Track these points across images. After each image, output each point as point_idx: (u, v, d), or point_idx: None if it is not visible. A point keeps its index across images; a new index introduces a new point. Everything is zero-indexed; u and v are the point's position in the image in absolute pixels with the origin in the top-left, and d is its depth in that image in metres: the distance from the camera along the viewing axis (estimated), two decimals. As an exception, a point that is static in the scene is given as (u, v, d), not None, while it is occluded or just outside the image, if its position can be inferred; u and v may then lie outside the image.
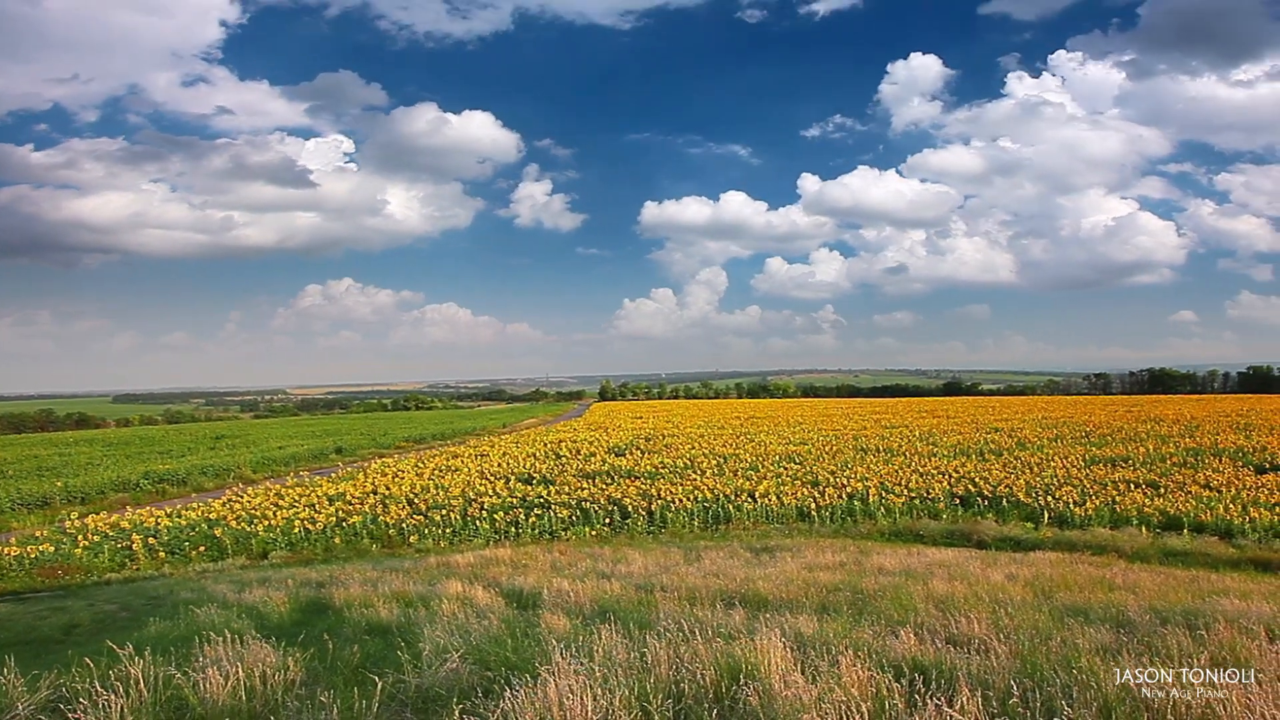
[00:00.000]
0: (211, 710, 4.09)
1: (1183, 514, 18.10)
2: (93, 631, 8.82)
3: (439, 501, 22.89)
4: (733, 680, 4.13)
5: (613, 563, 12.84)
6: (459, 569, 11.80)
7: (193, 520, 21.01)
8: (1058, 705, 3.76)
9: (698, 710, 3.85)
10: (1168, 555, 15.31)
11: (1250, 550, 15.40)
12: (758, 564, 12.33)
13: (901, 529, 19.22)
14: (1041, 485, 21.96)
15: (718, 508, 21.49)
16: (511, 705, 3.74)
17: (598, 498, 22.72)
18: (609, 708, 3.75)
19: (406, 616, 6.96)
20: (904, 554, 14.00)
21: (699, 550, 15.09)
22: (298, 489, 26.18)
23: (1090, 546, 16.09)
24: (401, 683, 4.46)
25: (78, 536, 19.24)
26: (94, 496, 29.16)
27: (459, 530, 20.40)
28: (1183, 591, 8.87)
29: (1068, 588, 9.10)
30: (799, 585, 8.82)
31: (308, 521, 20.60)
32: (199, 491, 30.82)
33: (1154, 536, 16.77)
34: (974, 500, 21.26)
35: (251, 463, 38.20)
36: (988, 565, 11.97)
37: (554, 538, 19.58)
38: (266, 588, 10.01)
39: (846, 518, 20.61)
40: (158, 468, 35.59)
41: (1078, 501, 19.81)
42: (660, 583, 9.35)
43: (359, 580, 10.47)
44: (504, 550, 15.20)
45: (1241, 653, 4.66)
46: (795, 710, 3.69)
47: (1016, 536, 17.54)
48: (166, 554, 18.40)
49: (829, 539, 17.68)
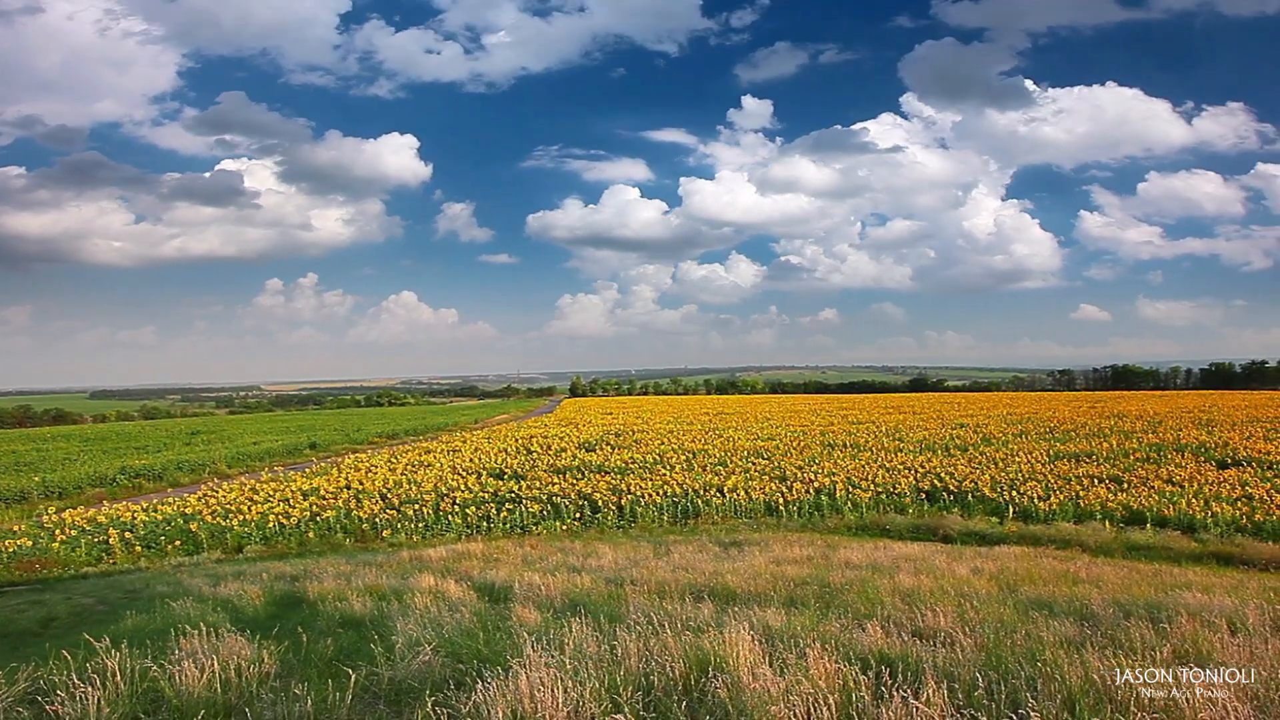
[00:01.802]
0: (187, 702, 4.10)
1: (1146, 509, 18.29)
2: (70, 625, 8.81)
3: (412, 496, 22.97)
4: (701, 673, 4.15)
5: (583, 557, 12.86)
6: (431, 563, 11.84)
7: (169, 515, 21.19)
8: (1022, 697, 3.78)
9: (667, 702, 3.86)
10: (1131, 549, 15.49)
11: (1212, 544, 15.57)
12: (726, 558, 12.37)
13: (868, 523, 19.35)
14: (1006, 480, 22.19)
15: (687, 503, 21.54)
16: (483, 697, 3.77)
17: (568, 493, 22.73)
18: (580, 700, 3.77)
19: (380, 610, 7.00)
20: (871, 548, 14.11)
21: (668, 544, 15.13)
22: (272, 484, 26.36)
23: (1054, 541, 16.26)
24: (375, 675, 4.50)
25: (55, 531, 19.33)
26: (71, 491, 29.58)
27: (431, 525, 20.51)
28: (1146, 585, 8.99)
29: (1032, 581, 9.21)
30: (767, 579, 8.87)
31: (282, 516, 20.70)
32: (175, 486, 31.15)
33: (1117, 531, 16.97)
34: (940, 495, 21.44)
35: (226, 458, 38.44)
36: (953, 559, 12.10)
37: (525, 532, 19.62)
38: (241, 581, 10.05)
39: (814, 512, 20.75)
40: (134, 463, 35.88)
41: (1042, 496, 20.02)
42: (630, 576, 9.39)
43: (333, 574, 10.50)
44: (476, 544, 15.25)
45: (1204, 646, 4.72)
46: (763, 702, 3.69)
47: (982, 531, 17.71)
48: (143, 548, 18.48)
49: (797, 533, 17.79)
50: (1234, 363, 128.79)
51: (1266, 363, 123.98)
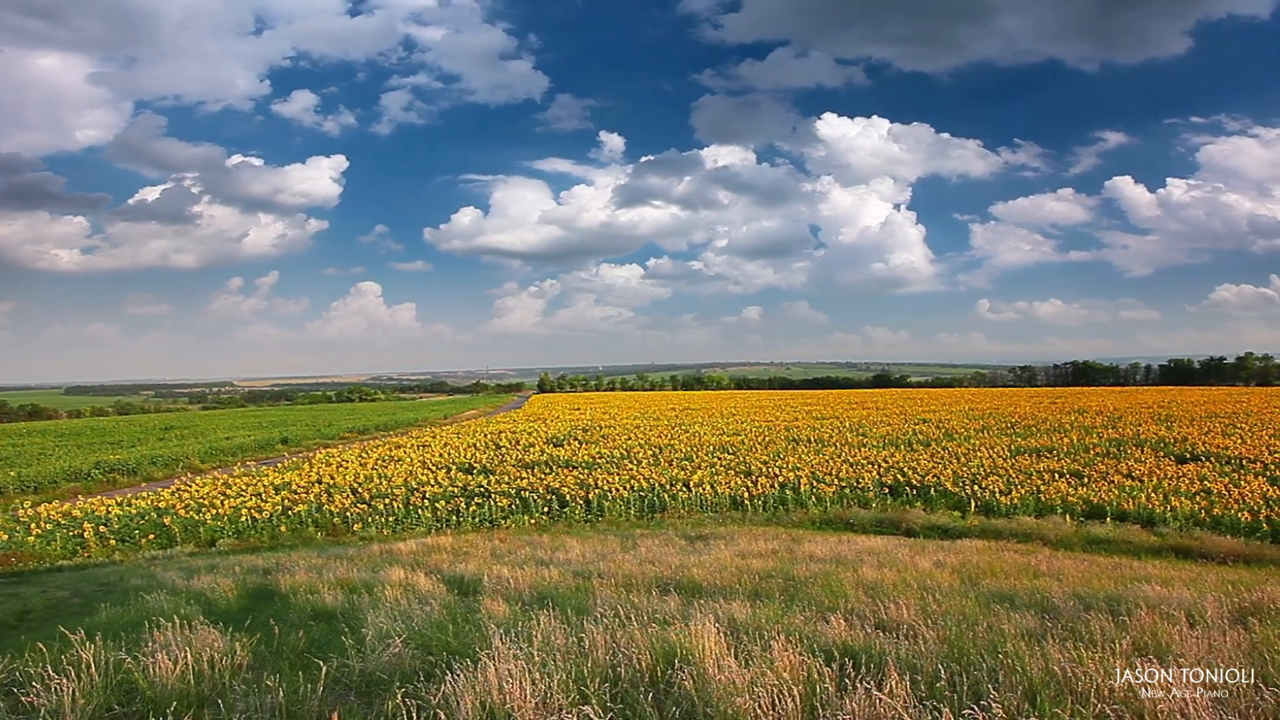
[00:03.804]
0: (160, 693, 4.12)
1: (1106, 503, 18.54)
2: (45, 617, 8.87)
3: (382, 490, 23.00)
4: (668, 664, 4.17)
5: (551, 550, 12.86)
6: (401, 556, 11.87)
7: (143, 509, 21.24)
8: (984, 689, 3.80)
9: (634, 694, 3.86)
10: (1091, 543, 15.72)
11: (1171, 538, 15.82)
12: (692, 551, 12.39)
13: (832, 517, 19.48)
14: (968, 475, 22.45)
15: (653, 497, 21.61)
16: (452, 689, 3.80)
17: (537, 487, 22.75)
18: (548, 691, 3.79)
19: (350, 602, 7.07)
20: (835, 542, 14.21)
21: (635, 538, 15.12)
22: (245, 478, 26.44)
23: (1016, 534, 16.49)
24: (346, 667, 4.55)
25: (31, 524, 19.48)
26: (46, 486, 29.86)
27: (402, 518, 20.57)
28: (1106, 578, 9.10)
29: (994, 574, 9.31)
30: (732, 572, 8.90)
31: (254, 510, 20.78)
32: (149, 481, 31.32)
33: (1078, 525, 17.19)
34: (903, 489, 21.67)
35: (200, 453, 38.71)
36: (916, 553, 12.20)
37: (494, 526, 19.63)
38: (214, 574, 10.16)
39: (779, 506, 20.87)
40: (109, 458, 36.08)
41: (1003, 490, 20.30)
42: (597, 570, 9.43)
43: (304, 567, 10.56)
44: (445, 538, 15.31)
45: (1163, 638, 4.80)
46: (729, 694, 3.70)
47: (944, 525, 17.92)
48: (117, 541, 18.68)
49: (762, 527, 17.88)
50: (1193, 359, 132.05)
51: (1225, 359, 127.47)
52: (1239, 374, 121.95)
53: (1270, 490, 18.77)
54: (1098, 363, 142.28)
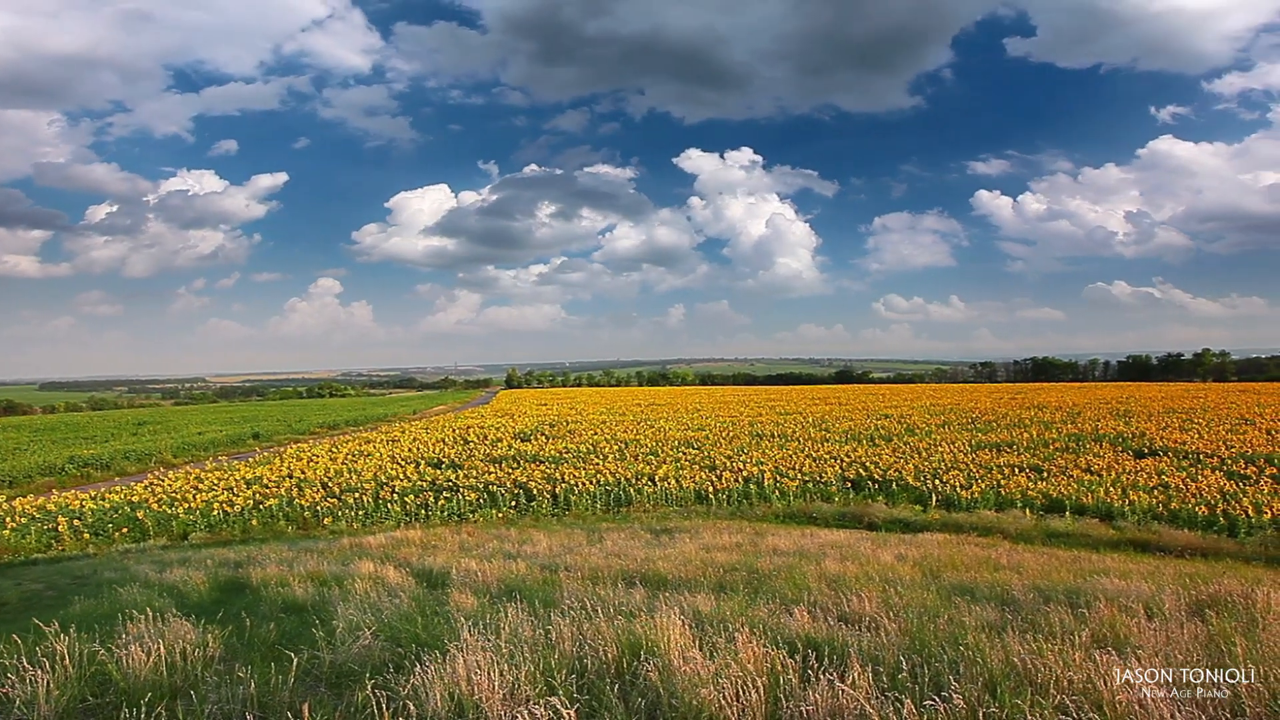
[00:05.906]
0: (134, 684, 4.17)
1: (1065, 497, 18.79)
2: (20, 610, 8.90)
3: (352, 485, 22.98)
4: (634, 656, 4.20)
5: (519, 544, 12.85)
6: (371, 550, 11.91)
7: (116, 503, 21.16)
8: (945, 680, 3.85)
9: (600, 685, 3.89)
10: (1051, 536, 15.95)
11: (1130, 532, 16.09)
12: (658, 545, 12.44)
13: (795, 511, 19.64)
14: (930, 469, 22.75)
15: (619, 491, 21.60)
16: (421, 680, 3.85)
17: (504, 481, 22.70)
18: (515, 682, 3.83)
19: (321, 595, 7.15)
20: (798, 535, 14.34)
21: (601, 532, 15.15)
22: (216, 473, 26.38)
23: (976, 528, 16.72)
24: (316, 658, 4.60)
25: (5, 518, 19.37)
26: (21, 480, 29.56)
27: (371, 513, 20.51)
28: (1065, 571, 9.27)
29: (955, 568, 9.44)
30: (697, 565, 8.96)
31: (226, 504, 20.79)
32: (122, 475, 31.30)
33: (1037, 518, 17.43)
34: (865, 484, 21.83)
35: (172, 448, 38.60)
36: (878, 546, 12.35)
37: (462, 520, 19.56)
38: (186, 567, 10.16)
39: (743, 500, 20.95)
40: (83, 452, 36.25)
41: (964, 485, 20.55)
42: (564, 563, 9.52)
43: (275, 560, 10.63)
44: (414, 532, 15.25)
45: (1121, 630, 4.87)
46: (694, 685, 3.72)
47: (906, 519, 18.13)
48: (91, 535, 18.58)
49: (726, 521, 17.99)
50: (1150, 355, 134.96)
51: (1182, 355, 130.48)
52: (1196, 370, 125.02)
53: (1226, 484, 19.14)
54: (1056, 359, 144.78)
